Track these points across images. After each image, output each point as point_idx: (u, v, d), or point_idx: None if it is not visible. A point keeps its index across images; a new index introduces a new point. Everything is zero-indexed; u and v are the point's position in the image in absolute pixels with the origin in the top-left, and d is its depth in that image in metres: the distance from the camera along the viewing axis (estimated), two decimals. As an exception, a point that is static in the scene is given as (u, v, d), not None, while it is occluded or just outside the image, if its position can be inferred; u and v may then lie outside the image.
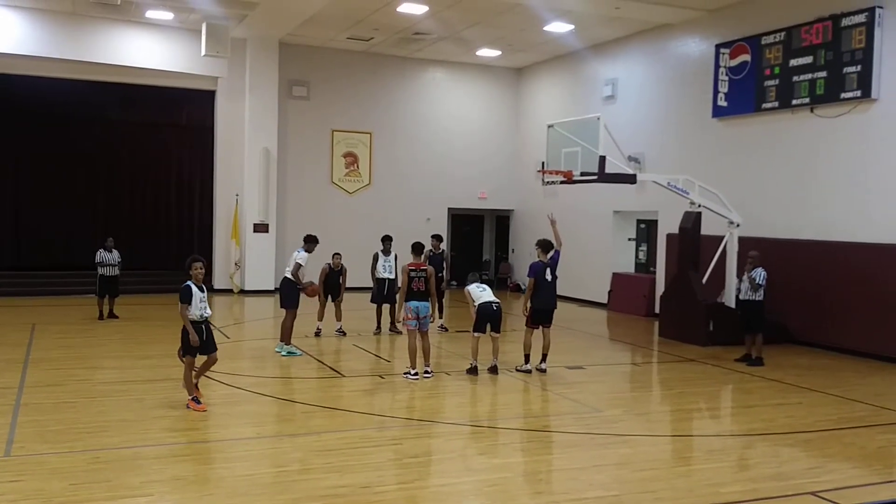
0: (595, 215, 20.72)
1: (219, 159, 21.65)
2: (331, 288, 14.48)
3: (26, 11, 18.81)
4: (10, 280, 20.08)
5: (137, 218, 22.09)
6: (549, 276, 11.59)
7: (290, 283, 12.67)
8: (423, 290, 11.02)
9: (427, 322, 11.16)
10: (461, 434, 8.44)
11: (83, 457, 7.20)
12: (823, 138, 14.67)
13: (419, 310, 10.97)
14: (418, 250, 11.54)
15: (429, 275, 11.12)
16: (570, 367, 12.18)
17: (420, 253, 11.53)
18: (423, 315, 11.02)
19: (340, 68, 22.60)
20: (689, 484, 6.92)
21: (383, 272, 14.67)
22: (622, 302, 19.54)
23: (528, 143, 23.77)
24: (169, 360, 11.75)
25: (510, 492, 6.70)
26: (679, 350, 14.02)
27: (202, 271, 9.11)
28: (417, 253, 11.48)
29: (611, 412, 9.51)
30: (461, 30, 19.89)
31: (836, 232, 14.30)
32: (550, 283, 11.61)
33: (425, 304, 11.09)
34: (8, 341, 13.25)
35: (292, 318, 12.62)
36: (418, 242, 11.73)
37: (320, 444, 7.85)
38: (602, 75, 20.73)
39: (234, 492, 6.44)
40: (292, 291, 12.64)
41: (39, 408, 8.95)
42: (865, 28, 13.66)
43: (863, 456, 7.96)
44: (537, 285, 11.51)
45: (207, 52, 18.67)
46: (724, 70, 16.57)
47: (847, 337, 13.84)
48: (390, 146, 23.43)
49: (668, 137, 18.46)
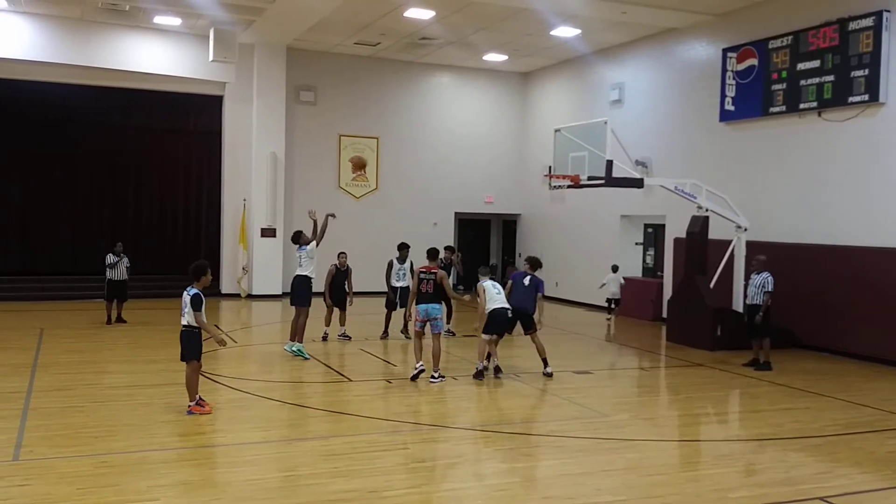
0: (602, 220, 20.71)
1: (226, 164, 21.72)
2: (337, 289, 14.27)
3: (35, 17, 18.92)
4: (18, 284, 20.17)
5: (145, 223, 22.19)
6: (525, 282, 11.77)
7: (304, 280, 12.70)
8: (430, 292, 11.03)
9: (438, 325, 11.18)
10: (469, 439, 8.43)
11: (91, 461, 7.22)
12: (831, 142, 14.63)
13: (427, 312, 10.98)
14: (433, 256, 11.62)
15: (439, 278, 11.13)
16: (578, 372, 12.16)
17: (434, 258, 11.58)
18: (431, 317, 11.03)
19: (347, 73, 22.65)
20: (697, 489, 6.90)
21: (397, 281, 14.67)
22: (629, 306, 19.50)
23: (534, 147, 23.76)
24: (176, 365, 11.74)
25: (518, 496, 6.69)
26: (686, 354, 13.98)
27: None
28: (432, 258, 11.55)
29: (618, 417, 9.49)
30: (468, 34, 19.91)
31: (843, 236, 14.25)
32: (527, 288, 11.72)
33: (434, 306, 11.11)
34: (16, 346, 13.30)
35: (305, 317, 12.68)
36: (433, 248, 11.81)
37: (328, 449, 7.85)
38: (609, 79, 20.73)
39: (241, 496, 6.44)
40: (306, 289, 12.67)
41: (47, 412, 8.97)
42: (873, 32, 13.62)
43: (871, 461, 7.92)
44: (514, 287, 11.72)
45: (215, 57, 18.76)
46: (732, 74, 16.54)
47: (855, 341, 13.78)
48: (397, 151, 23.47)
49: (675, 141, 18.43)
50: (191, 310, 8.82)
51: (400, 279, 14.68)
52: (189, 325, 8.90)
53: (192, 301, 8.82)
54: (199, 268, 9.03)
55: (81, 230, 21.38)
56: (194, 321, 8.84)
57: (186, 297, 8.89)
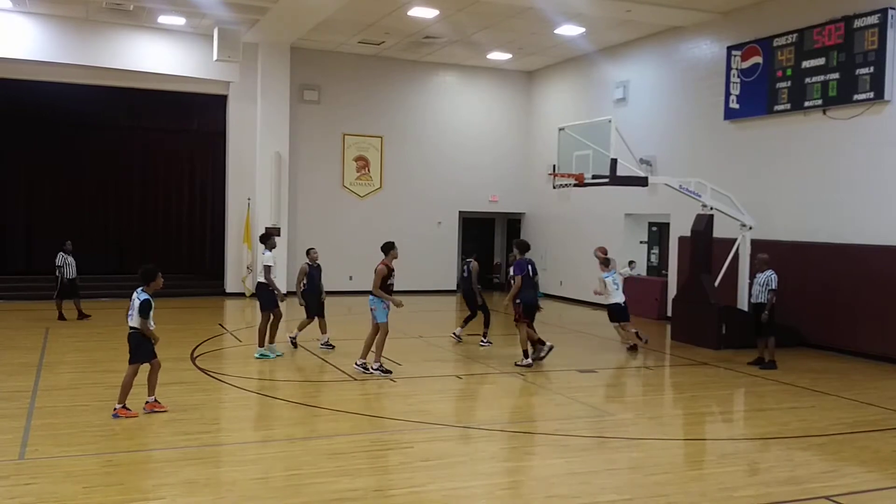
0: (606, 218, 20.68)
1: (231, 163, 21.74)
2: (314, 289, 13.24)
3: (39, 17, 18.96)
4: (24, 284, 20.20)
5: (149, 222, 22.23)
6: (530, 273, 12.52)
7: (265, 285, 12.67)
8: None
9: (376, 315, 11.45)
10: (472, 437, 8.43)
11: (96, 460, 7.24)
12: (836, 140, 14.59)
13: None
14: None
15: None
16: (582, 371, 12.16)
17: (388, 252, 11.68)
18: (371, 307, 11.51)
19: (351, 72, 22.66)
20: (702, 488, 6.89)
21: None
22: (634, 305, 19.44)
23: (539, 146, 23.75)
24: (181, 364, 11.83)
25: (522, 495, 6.69)
26: (691, 353, 13.97)
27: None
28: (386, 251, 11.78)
29: (623, 416, 9.49)
30: (472, 33, 19.91)
31: (848, 234, 14.22)
32: (533, 280, 12.62)
33: (371, 297, 11.53)
34: (22, 345, 13.34)
35: (267, 320, 12.58)
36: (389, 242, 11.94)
37: (331, 448, 7.86)
38: (613, 78, 20.70)
39: (245, 495, 6.45)
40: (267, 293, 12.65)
41: (53, 411, 9.00)
42: (878, 29, 13.58)
43: (877, 460, 7.90)
44: (525, 281, 12.31)
45: (219, 56, 18.78)
46: (736, 72, 16.51)
47: (861, 340, 13.75)
48: (401, 150, 23.47)
49: (679, 140, 18.41)
50: (137, 315, 8.68)
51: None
52: (136, 328, 8.76)
53: (141, 307, 8.64)
54: (149, 272, 8.83)
55: (86, 229, 21.39)
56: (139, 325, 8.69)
57: (136, 301, 8.70)
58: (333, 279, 21.69)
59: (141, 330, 8.72)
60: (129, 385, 8.79)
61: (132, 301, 8.77)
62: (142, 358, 8.84)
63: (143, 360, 8.85)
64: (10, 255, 21.08)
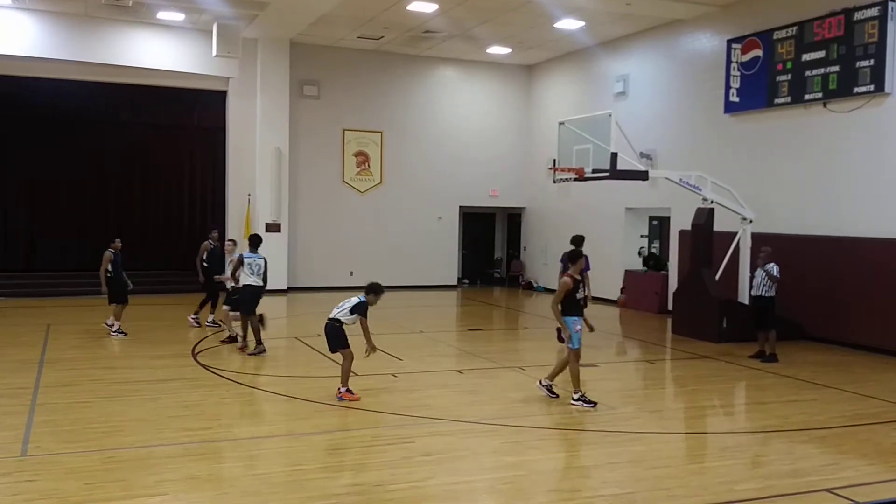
0: (607, 212, 20.67)
1: (231, 159, 21.72)
2: (215, 271, 14.11)
3: (38, 14, 18.93)
4: (24, 281, 20.23)
5: (150, 218, 22.23)
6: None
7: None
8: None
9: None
10: (474, 432, 8.43)
11: (98, 456, 7.24)
12: (837, 133, 14.58)
13: None
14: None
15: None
16: (584, 365, 12.12)
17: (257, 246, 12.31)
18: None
19: (351, 67, 22.63)
20: (703, 481, 6.90)
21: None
22: (635, 299, 19.48)
23: (539, 140, 23.73)
24: (183, 360, 11.84)
25: (524, 489, 6.70)
26: (692, 347, 13.97)
27: None
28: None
29: (624, 409, 9.49)
30: (471, 28, 19.88)
31: (849, 227, 14.21)
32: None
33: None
34: (23, 342, 13.35)
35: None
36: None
37: (333, 443, 7.88)
38: (613, 72, 20.67)
39: (248, 490, 6.46)
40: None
41: (55, 408, 9.01)
42: (878, 22, 13.56)
43: (878, 452, 7.91)
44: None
45: (218, 52, 18.74)
46: (736, 65, 16.48)
47: (861, 333, 13.75)
48: (401, 145, 23.45)
49: (679, 133, 18.39)
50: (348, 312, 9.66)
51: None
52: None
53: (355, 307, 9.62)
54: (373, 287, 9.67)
55: (86, 225, 21.40)
56: None
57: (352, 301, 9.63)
58: (334, 275, 21.82)
59: (346, 323, 9.59)
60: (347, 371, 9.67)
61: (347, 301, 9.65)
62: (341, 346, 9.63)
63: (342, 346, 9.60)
64: (11, 251, 21.07)
